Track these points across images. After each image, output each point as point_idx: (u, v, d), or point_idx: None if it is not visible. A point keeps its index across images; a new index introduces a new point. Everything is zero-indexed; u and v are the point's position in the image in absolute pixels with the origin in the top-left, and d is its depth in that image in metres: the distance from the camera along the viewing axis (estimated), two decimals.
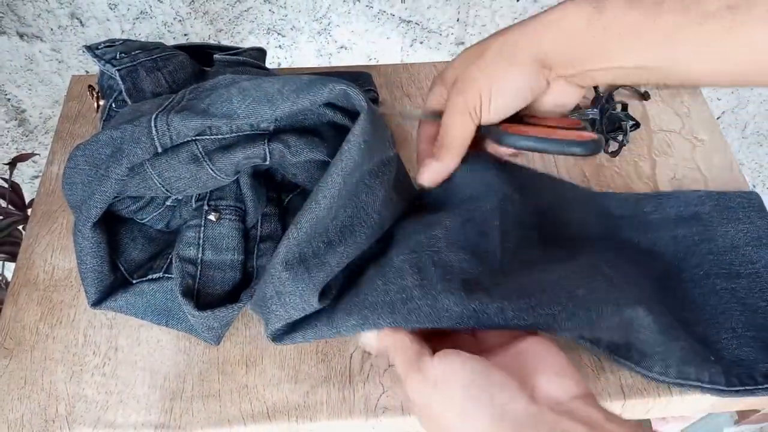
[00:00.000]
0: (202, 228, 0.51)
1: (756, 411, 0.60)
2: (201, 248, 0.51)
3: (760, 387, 0.48)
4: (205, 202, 0.52)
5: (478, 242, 0.46)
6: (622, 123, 0.65)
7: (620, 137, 0.66)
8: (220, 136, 0.47)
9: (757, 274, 0.55)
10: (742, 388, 0.48)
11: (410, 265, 0.44)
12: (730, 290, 0.54)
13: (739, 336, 0.51)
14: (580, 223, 0.56)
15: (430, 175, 0.49)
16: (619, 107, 0.68)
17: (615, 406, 0.50)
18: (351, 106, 0.45)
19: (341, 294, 0.45)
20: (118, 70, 0.52)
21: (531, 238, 0.50)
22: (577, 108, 0.67)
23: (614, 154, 0.65)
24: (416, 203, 0.50)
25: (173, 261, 0.50)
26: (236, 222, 0.52)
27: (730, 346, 0.50)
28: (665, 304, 0.50)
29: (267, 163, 0.49)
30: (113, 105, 0.54)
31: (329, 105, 0.47)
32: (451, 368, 0.38)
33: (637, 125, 0.67)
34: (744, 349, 0.50)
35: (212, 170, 0.48)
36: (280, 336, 0.46)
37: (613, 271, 0.47)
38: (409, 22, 0.96)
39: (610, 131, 0.66)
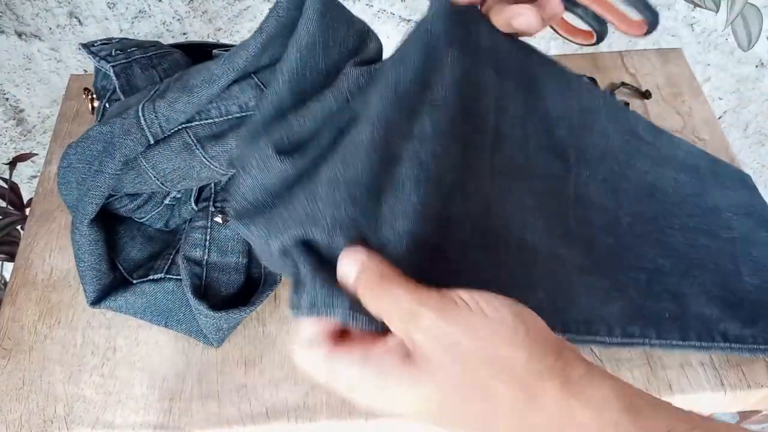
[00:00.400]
0: (209, 230, 0.51)
1: (757, 411, 0.60)
2: (207, 250, 0.51)
3: (715, 345, 0.48)
4: (211, 203, 0.52)
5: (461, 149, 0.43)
6: None
7: None
8: (210, 121, 0.47)
9: (733, 240, 0.55)
10: (698, 343, 0.48)
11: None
12: (707, 248, 0.54)
13: (707, 291, 0.51)
14: (601, 133, 0.55)
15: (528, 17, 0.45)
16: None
17: None
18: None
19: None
20: (113, 66, 0.52)
21: (533, 144, 0.49)
22: None
23: None
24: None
25: (180, 262, 0.50)
26: None
27: (699, 301, 0.50)
28: (643, 248, 0.51)
29: None
30: (107, 105, 0.54)
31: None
32: (493, 298, 0.32)
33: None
34: (709, 306, 0.50)
35: (205, 158, 0.47)
36: (243, 219, 0.41)
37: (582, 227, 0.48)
38: (409, 21, 0.96)
39: None
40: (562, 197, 0.50)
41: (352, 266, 0.34)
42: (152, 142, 0.46)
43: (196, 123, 0.47)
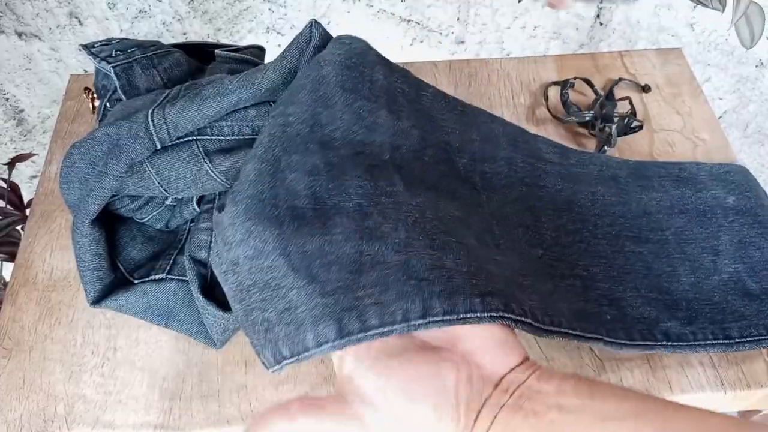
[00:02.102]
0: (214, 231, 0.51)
1: (758, 411, 0.60)
2: (211, 251, 0.51)
3: (659, 343, 0.49)
4: (215, 205, 0.52)
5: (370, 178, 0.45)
6: (611, 126, 0.64)
7: (607, 137, 0.65)
8: (221, 137, 0.47)
9: (665, 240, 0.56)
10: (643, 342, 0.49)
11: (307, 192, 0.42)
12: (637, 253, 0.55)
13: (642, 295, 0.52)
14: (505, 160, 0.57)
15: None
16: (623, 105, 0.68)
17: None
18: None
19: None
20: (113, 66, 0.52)
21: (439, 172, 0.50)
22: (575, 108, 0.67)
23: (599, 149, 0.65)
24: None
25: (186, 262, 0.50)
26: None
27: (635, 303, 0.51)
28: (572, 257, 0.52)
29: None
30: (108, 105, 0.54)
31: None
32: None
33: (639, 127, 0.66)
34: (646, 308, 0.51)
35: (212, 171, 0.48)
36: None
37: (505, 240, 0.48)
38: (409, 21, 0.96)
39: (603, 130, 0.66)
40: (482, 215, 0.51)
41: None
42: (158, 147, 0.46)
43: (207, 137, 0.47)
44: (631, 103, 0.68)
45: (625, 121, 0.65)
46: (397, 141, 0.48)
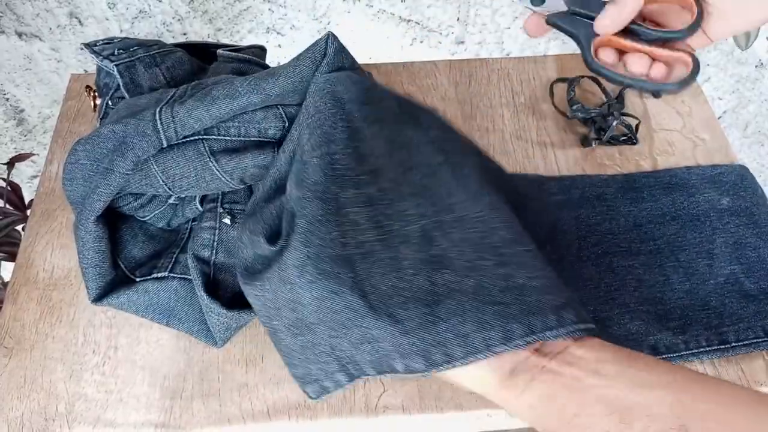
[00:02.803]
0: (217, 230, 0.51)
1: None
2: (215, 251, 0.51)
3: None
4: (219, 204, 0.52)
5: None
6: (604, 131, 0.65)
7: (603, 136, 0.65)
8: (228, 138, 0.48)
9: (658, 250, 0.57)
10: None
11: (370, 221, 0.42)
12: (627, 267, 0.56)
13: (631, 310, 0.53)
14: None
15: (608, 19, 0.48)
16: (622, 112, 0.68)
17: None
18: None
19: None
20: (116, 64, 0.52)
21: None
22: (580, 105, 0.67)
23: (585, 144, 0.66)
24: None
25: (190, 261, 0.50)
26: None
27: (622, 320, 0.52)
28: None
29: None
30: (109, 103, 0.54)
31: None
32: None
33: (633, 141, 0.67)
34: (635, 323, 0.52)
35: (218, 171, 0.48)
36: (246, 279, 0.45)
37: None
38: (409, 21, 0.96)
39: (600, 130, 0.66)
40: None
41: None
42: (165, 145, 0.46)
43: (214, 137, 0.47)
44: (637, 127, 0.68)
45: (620, 138, 0.66)
46: (436, 147, 0.48)
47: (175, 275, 0.51)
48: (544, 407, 0.37)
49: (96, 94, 0.56)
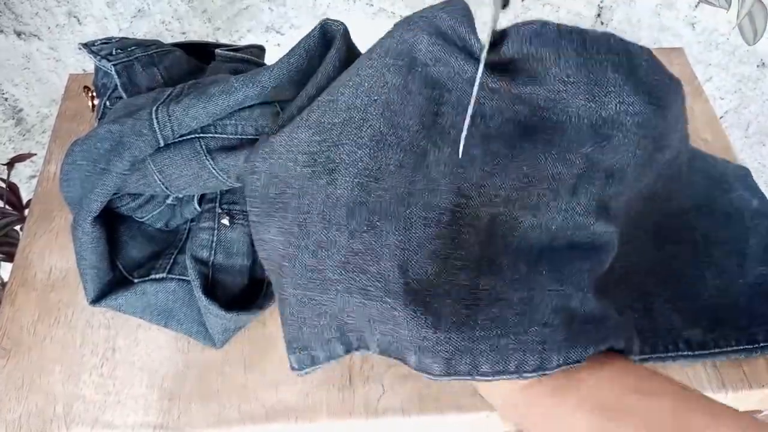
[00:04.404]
0: (215, 231, 0.51)
1: (759, 411, 0.60)
2: (213, 251, 0.51)
3: (680, 354, 0.49)
4: (217, 204, 0.52)
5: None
6: None
7: None
8: (224, 136, 0.47)
9: (695, 242, 0.55)
10: (665, 354, 0.49)
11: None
12: (670, 258, 0.54)
13: (673, 303, 0.52)
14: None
15: None
16: None
17: None
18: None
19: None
20: (114, 64, 0.52)
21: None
22: None
23: None
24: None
25: (188, 262, 0.50)
26: (247, 227, 0.52)
27: (665, 312, 0.51)
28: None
29: None
30: (107, 103, 0.54)
31: None
32: None
33: None
34: (675, 315, 0.51)
35: (214, 169, 0.48)
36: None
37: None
38: None
39: None
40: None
41: None
42: (162, 144, 0.46)
43: (210, 135, 0.47)
44: None
45: None
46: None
47: (174, 276, 0.51)
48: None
49: (94, 94, 0.56)
